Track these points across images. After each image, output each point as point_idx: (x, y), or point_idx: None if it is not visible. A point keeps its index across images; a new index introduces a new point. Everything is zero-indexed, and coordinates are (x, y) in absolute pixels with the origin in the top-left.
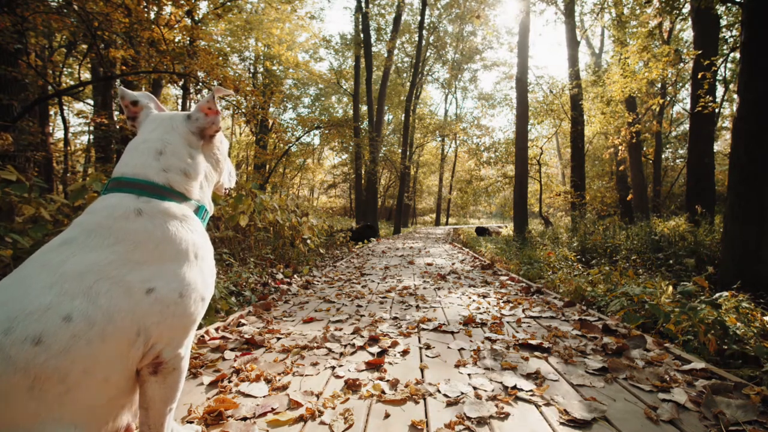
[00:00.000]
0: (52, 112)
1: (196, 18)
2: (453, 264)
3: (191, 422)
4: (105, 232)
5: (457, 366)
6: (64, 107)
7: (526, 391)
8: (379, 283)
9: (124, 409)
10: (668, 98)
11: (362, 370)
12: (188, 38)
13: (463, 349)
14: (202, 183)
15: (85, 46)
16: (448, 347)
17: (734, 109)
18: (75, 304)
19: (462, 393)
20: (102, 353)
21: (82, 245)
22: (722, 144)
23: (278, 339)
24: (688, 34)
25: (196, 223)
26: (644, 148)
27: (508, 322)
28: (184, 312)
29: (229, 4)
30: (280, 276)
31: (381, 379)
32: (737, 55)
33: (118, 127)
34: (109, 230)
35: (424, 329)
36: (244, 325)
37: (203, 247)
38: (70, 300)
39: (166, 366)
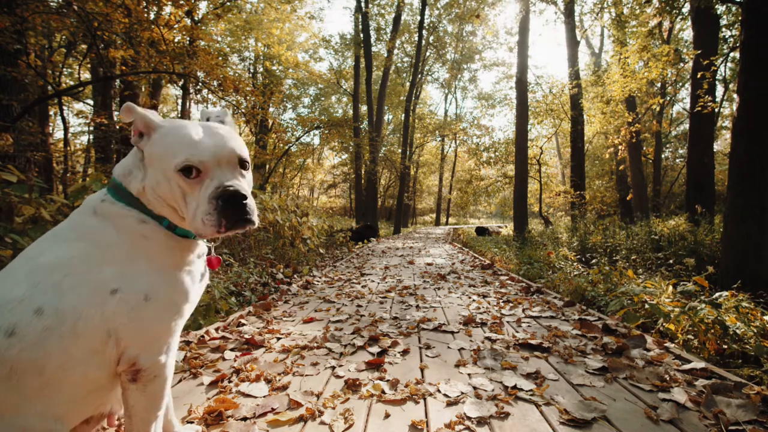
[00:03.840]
0: (51, 113)
1: (196, 18)
2: (453, 264)
3: (191, 422)
4: (72, 226)
5: (457, 366)
6: (64, 107)
7: (526, 391)
8: (379, 283)
9: (107, 400)
10: (668, 98)
11: (362, 370)
12: (188, 38)
13: (463, 348)
14: (150, 196)
15: (84, 46)
16: (448, 347)
17: (734, 108)
18: (46, 298)
19: (462, 393)
20: (76, 350)
21: (59, 237)
22: (722, 144)
23: (278, 339)
24: (688, 34)
25: (151, 229)
26: (644, 148)
27: (508, 322)
28: (153, 317)
29: (228, 4)
30: (280, 276)
31: (381, 378)
32: (737, 54)
33: (117, 127)
34: (74, 225)
35: (424, 329)
36: (244, 325)
37: (162, 255)
38: (41, 293)
39: (145, 374)
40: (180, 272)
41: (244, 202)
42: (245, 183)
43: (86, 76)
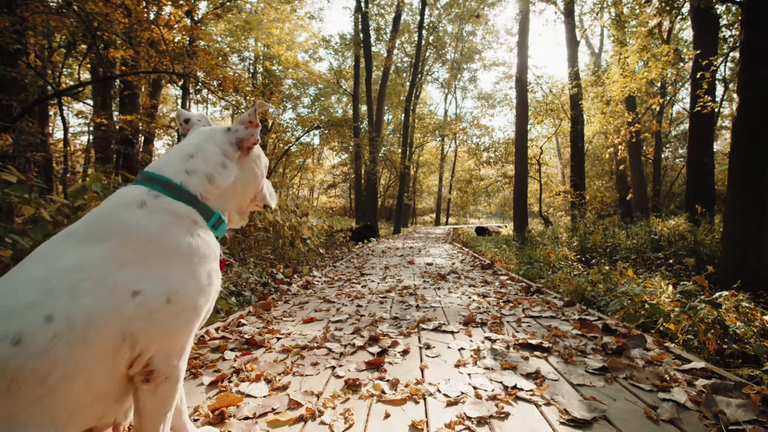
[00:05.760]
0: (51, 113)
1: (196, 18)
2: (453, 264)
3: (195, 420)
4: (102, 223)
5: (457, 366)
6: (64, 107)
7: (527, 391)
8: (379, 283)
9: (111, 409)
10: (668, 98)
11: (362, 370)
12: (188, 38)
13: (463, 348)
14: (228, 192)
15: (84, 47)
16: (448, 347)
17: (734, 108)
18: (59, 303)
19: (462, 393)
20: (84, 357)
21: (81, 237)
22: (722, 143)
23: (278, 339)
24: (687, 34)
25: (200, 228)
26: (644, 148)
27: (508, 322)
28: (173, 320)
29: (228, 4)
30: (280, 276)
31: (381, 378)
32: (737, 54)
33: (117, 127)
34: (106, 221)
35: (424, 329)
36: (244, 325)
37: (203, 255)
38: (54, 299)
39: (158, 375)
40: (207, 273)
41: None
42: None
43: (86, 76)
